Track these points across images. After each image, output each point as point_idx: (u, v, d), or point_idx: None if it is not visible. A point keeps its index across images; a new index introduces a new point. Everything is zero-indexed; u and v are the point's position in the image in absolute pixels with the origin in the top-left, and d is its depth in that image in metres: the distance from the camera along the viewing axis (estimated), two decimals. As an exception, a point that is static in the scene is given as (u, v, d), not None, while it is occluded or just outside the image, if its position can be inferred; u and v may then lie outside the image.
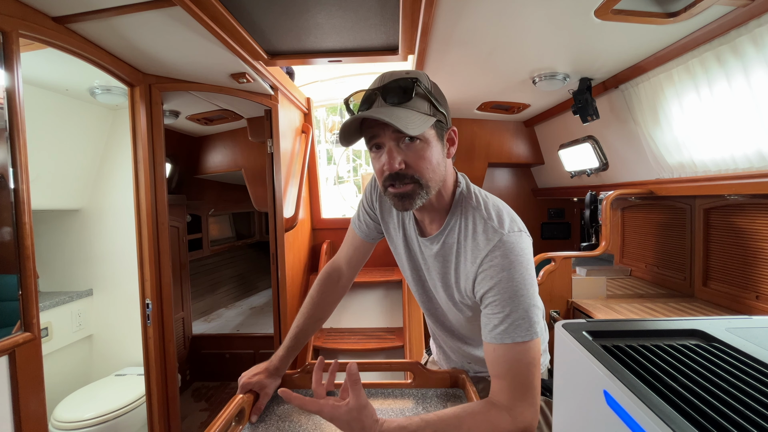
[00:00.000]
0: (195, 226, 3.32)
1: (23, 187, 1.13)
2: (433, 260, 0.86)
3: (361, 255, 1.05)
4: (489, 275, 0.74)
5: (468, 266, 0.78)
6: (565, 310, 1.87)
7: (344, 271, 1.06)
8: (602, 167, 2.23)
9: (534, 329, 0.71)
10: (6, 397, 1.12)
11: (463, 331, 0.94)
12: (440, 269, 0.85)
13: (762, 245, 1.49)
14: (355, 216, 1.03)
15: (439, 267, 0.85)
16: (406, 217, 0.91)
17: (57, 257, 2.32)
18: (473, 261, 0.77)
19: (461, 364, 1.03)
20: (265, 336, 2.90)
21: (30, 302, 1.16)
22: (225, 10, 1.23)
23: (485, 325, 0.75)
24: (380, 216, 0.97)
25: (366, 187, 1.00)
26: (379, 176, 0.76)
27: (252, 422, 0.85)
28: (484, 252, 0.75)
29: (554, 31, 1.34)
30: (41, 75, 1.77)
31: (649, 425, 0.35)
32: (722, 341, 0.48)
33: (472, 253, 0.77)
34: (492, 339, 0.72)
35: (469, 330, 0.92)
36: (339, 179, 5.82)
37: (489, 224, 0.77)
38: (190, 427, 2.43)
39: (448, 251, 0.82)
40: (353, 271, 1.07)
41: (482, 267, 0.75)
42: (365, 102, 0.74)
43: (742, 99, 1.26)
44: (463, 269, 0.80)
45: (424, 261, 0.89)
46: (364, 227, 1.01)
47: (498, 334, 0.71)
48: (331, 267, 1.07)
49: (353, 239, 1.04)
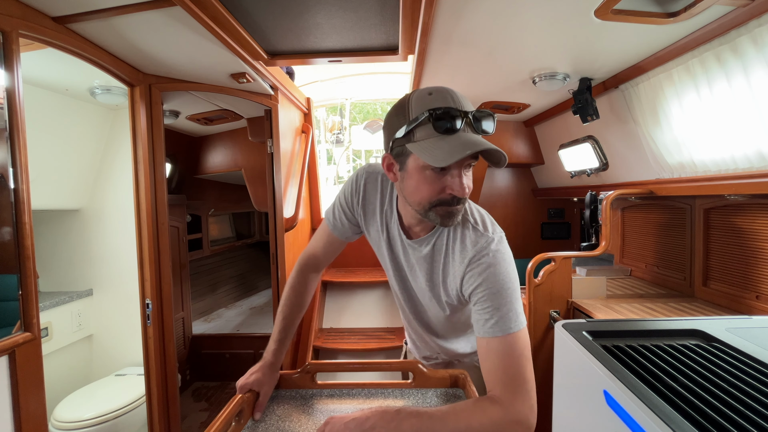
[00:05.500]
0: (195, 226, 3.32)
1: (23, 187, 1.13)
2: (421, 261, 0.90)
3: (334, 250, 1.07)
4: (477, 272, 0.79)
5: (456, 267, 0.84)
6: (565, 310, 1.87)
7: (320, 260, 1.07)
8: (602, 167, 2.23)
9: (520, 319, 0.77)
10: (6, 397, 1.12)
11: (440, 326, 1.01)
12: (427, 269, 0.89)
13: (762, 245, 1.49)
14: (330, 213, 1.03)
15: (426, 267, 0.89)
16: (391, 221, 0.93)
17: (57, 257, 2.32)
18: (461, 261, 0.82)
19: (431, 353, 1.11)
20: (265, 336, 2.89)
21: (30, 302, 1.16)
22: (225, 10, 1.23)
23: (477, 321, 0.79)
24: (362, 219, 0.98)
25: (345, 188, 1.00)
26: (435, 195, 0.76)
27: (255, 419, 0.85)
28: (471, 253, 0.81)
29: (554, 31, 1.34)
30: (41, 75, 1.77)
31: (649, 425, 0.35)
32: (722, 341, 0.48)
33: (461, 254, 0.83)
34: (485, 333, 0.76)
35: (445, 326, 1.00)
36: (339, 179, 5.82)
37: (476, 228, 0.83)
38: (190, 427, 2.43)
39: (437, 253, 0.87)
40: (331, 257, 1.09)
41: (470, 267, 0.80)
42: (450, 118, 0.70)
43: (742, 99, 1.26)
44: (452, 269, 0.85)
45: (407, 261, 0.93)
46: (339, 225, 1.01)
47: (489, 328, 0.76)
48: (306, 256, 1.07)
49: (327, 236, 1.04)
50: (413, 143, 0.73)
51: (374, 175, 0.96)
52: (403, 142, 0.75)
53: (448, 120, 0.70)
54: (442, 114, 0.70)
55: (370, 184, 0.96)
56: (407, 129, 0.73)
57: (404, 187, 0.80)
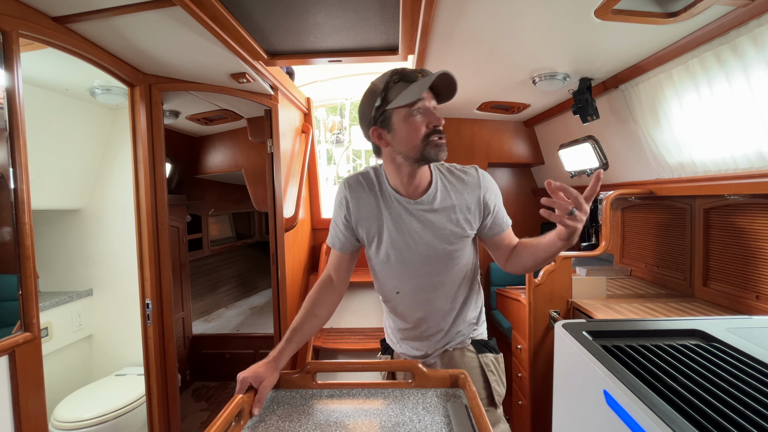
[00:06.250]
0: (195, 226, 3.32)
1: (23, 187, 1.13)
2: (433, 215, 1.03)
3: (347, 265, 1.15)
4: (490, 188, 1.07)
5: (468, 195, 1.05)
6: (565, 310, 1.87)
7: (334, 278, 1.15)
8: (602, 167, 2.23)
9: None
10: (6, 397, 1.12)
11: (446, 280, 1.08)
12: (441, 218, 1.04)
13: (762, 245, 1.49)
14: (332, 236, 1.14)
15: (439, 217, 1.04)
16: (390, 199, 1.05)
17: (57, 257, 2.32)
18: (473, 190, 1.05)
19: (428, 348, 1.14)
20: (265, 336, 2.90)
21: (30, 302, 1.16)
22: (225, 10, 1.23)
23: (501, 220, 1.09)
24: (355, 215, 1.07)
25: (335, 202, 1.12)
26: (423, 130, 0.94)
27: (254, 414, 0.85)
28: (476, 179, 1.06)
29: (554, 31, 1.34)
30: (41, 75, 1.77)
31: (649, 425, 0.35)
32: (722, 341, 0.48)
33: (465, 185, 1.06)
34: (507, 226, 1.10)
35: (449, 275, 1.08)
36: (339, 179, 5.82)
37: (455, 169, 1.09)
38: (190, 427, 2.43)
39: (446, 196, 1.05)
40: (344, 277, 1.16)
41: (483, 187, 1.06)
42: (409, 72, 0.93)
43: (742, 99, 1.26)
44: (466, 200, 1.05)
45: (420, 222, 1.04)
46: (342, 239, 1.11)
47: (508, 221, 1.10)
48: (321, 276, 1.16)
49: (336, 255, 1.14)
50: (390, 103, 0.93)
51: (353, 179, 1.10)
52: (383, 108, 0.94)
53: (408, 73, 0.93)
54: (401, 71, 0.93)
55: (353, 188, 1.08)
56: (382, 96, 0.93)
57: (397, 142, 0.96)
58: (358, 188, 1.08)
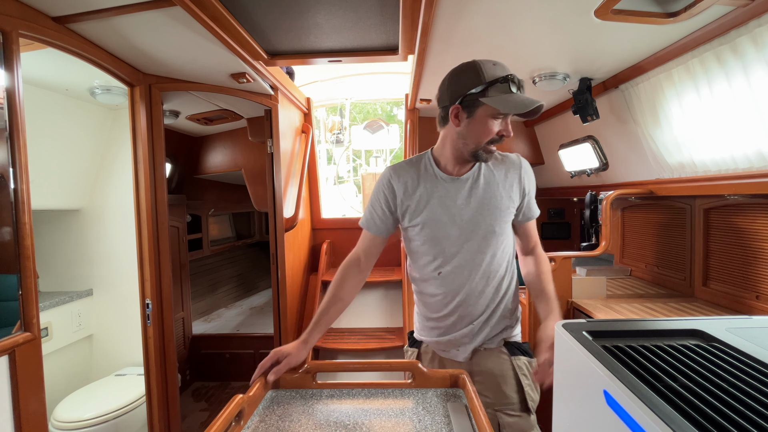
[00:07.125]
0: (195, 226, 3.31)
1: (23, 187, 1.13)
2: (478, 189, 1.10)
3: (377, 249, 1.19)
4: (529, 173, 1.15)
5: (510, 175, 1.12)
6: (565, 310, 1.87)
7: (362, 258, 1.17)
8: (602, 167, 2.23)
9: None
10: (6, 397, 1.12)
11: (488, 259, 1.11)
12: (486, 192, 1.10)
13: (762, 245, 1.49)
14: (368, 217, 1.17)
15: (483, 192, 1.10)
16: (433, 175, 1.11)
17: (57, 257, 2.32)
18: (515, 169, 1.13)
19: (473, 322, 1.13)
20: (265, 336, 2.90)
21: (30, 302, 1.16)
22: (225, 10, 1.23)
23: (534, 206, 1.17)
24: (401, 197, 1.12)
25: (378, 185, 1.15)
26: (492, 135, 1.01)
27: (269, 380, 0.93)
28: (517, 161, 1.14)
29: (554, 31, 1.34)
30: (41, 75, 1.77)
31: (649, 425, 0.35)
32: (722, 341, 0.48)
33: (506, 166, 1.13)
34: (535, 215, 1.18)
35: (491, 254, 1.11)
36: (339, 179, 5.82)
37: (498, 152, 1.14)
38: (190, 427, 2.43)
39: (490, 173, 1.12)
40: (371, 260, 1.19)
41: (524, 169, 1.14)
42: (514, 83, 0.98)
43: (742, 99, 1.26)
44: (509, 177, 1.12)
45: (465, 197, 1.10)
46: (379, 222, 1.15)
47: (537, 211, 1.18)
48: (350, 256, 1.19)
49: (368, 238, 1.17)
50: (488, 98, 0.96)
51: (398, 164, 1.16)
52: (477, 97, 0.97)
53: (514, 85, 0.97)
54: (511, 78, 0.97)
55: (397, 170, 1.14)
56: (483, 87, 0.96)
57: (468, 131, 1.02)
58: (403, 170, 1.13)
